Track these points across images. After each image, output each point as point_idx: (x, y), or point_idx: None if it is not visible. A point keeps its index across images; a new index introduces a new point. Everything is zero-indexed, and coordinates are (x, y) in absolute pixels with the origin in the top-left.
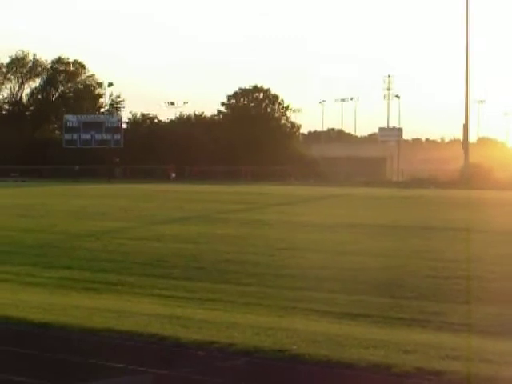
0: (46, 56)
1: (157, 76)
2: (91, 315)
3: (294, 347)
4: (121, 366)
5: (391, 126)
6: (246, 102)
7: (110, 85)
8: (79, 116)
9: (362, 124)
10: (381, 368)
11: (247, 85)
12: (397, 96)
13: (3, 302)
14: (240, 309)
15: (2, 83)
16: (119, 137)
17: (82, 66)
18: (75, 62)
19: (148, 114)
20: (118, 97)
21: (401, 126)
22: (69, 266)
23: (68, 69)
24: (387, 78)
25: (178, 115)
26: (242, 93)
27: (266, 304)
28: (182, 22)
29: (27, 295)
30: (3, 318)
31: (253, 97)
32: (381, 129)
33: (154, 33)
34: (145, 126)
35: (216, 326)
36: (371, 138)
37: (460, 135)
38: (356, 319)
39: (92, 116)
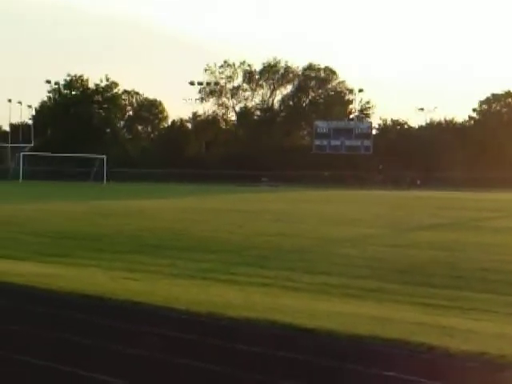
0: (298, 63)
1: (407, 81)
2: (355, 322)
3: None
4: (391, 374)
5: None
6: (498, 108)
7: (361, 91)
8: (329, 122)
9: None
10: None
11: (499, 90)
12: None
13: (268, 307)
14: (505, 319)
15: (255, 90)
16: (369, 143)
17: (333, 73)
18: (326, 69)
19: (397, 119)
20: (368, 103)
21: None
22: (326, 272)
23: (319, 75)
24: None
25: (428, 121)
26: (494, 98)
27: None
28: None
29: (289, 300)
30: (268, 322)
31: (505, 102)
32: None
33: (406, 40)
34: (394, 131)
35: (483, 337)
36: None
37: None
38: None
39: (342, 122)
